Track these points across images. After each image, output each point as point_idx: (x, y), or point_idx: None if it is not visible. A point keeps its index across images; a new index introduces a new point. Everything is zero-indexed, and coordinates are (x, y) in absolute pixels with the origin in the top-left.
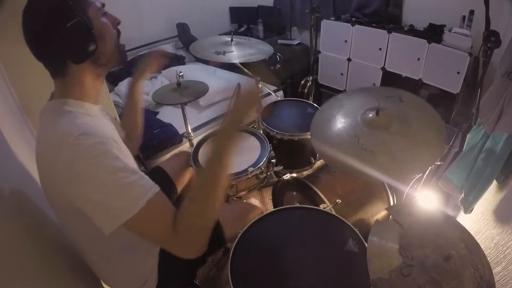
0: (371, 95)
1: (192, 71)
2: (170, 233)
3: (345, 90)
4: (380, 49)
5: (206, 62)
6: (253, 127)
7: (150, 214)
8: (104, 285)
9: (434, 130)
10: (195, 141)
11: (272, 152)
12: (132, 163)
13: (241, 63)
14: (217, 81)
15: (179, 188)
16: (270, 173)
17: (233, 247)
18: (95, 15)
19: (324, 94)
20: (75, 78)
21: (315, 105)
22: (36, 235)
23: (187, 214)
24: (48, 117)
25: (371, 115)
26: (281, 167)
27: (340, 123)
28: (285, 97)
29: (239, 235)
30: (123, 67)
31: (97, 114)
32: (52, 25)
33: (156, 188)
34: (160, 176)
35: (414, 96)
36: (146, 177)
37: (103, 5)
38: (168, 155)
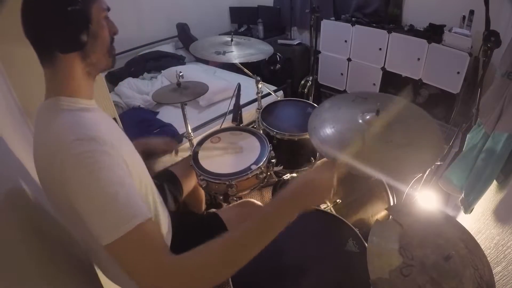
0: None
1: (192, 71)
2: (155, 271)
3: (345, 90)
4: (380, 49)
5: (206, 62)
6: (253, 127)
7: (136, 241)
8: (103, 284)
9: (431, 129)
10: (195, 141)
11: (272, 152)
12: (138, 171)
13: (241, 63)
14: (217, 81)
15: (185, 192)
16: (270, 173)
17: None
18: (97, 14)
19: (324, 94)
20: (64, 70)
21: (315, 105)
22: (35, 234)
23: (200, 261)
24: (43, 117)
25: (369, 116)
26: (281, 167)
27: (340, 123)
28: (285, 97)
29: None
30: (124, 67)
31: (94, 108)
32: (54, 4)
33: (148, 214)
34: (169, 177)
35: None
36: (139, 197)
37: (108, 9)
38: (168, 155)
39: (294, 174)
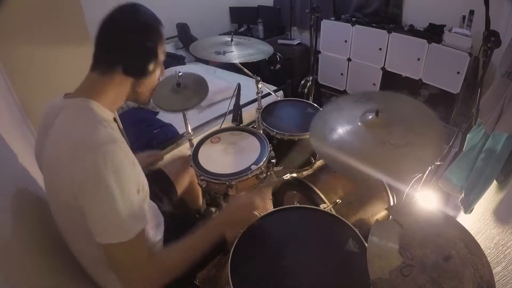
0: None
1: (192, 71)
2: (141, 268)
3: (345, 90)
4: (380, 49)
5: (206, 62)
6: (253, 127)
7: (138, 242)
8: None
9: (433, 128)
10: (195, 141)
11: (272, 152)
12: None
13: (241, 63)
14: (217, 81)
15: (179, 190)
16: (270, 173)
17: (233, 247)
18: (160, 55)
19: (324, 94)
20: (112, 84)
21: (315, 105)
22: (36, 234)
23: (168, 260)
24: (70, 113)
25: (370, 116)
26: (281, 167)
27: (340, 125)
28: (285, 97)
29: (239, 235)
30: None
31: (112, 122)
32: (139, 35)
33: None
34: (161, 178)
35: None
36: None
37: (166, 56)
38: (168, 155)
39: (294, 174)
